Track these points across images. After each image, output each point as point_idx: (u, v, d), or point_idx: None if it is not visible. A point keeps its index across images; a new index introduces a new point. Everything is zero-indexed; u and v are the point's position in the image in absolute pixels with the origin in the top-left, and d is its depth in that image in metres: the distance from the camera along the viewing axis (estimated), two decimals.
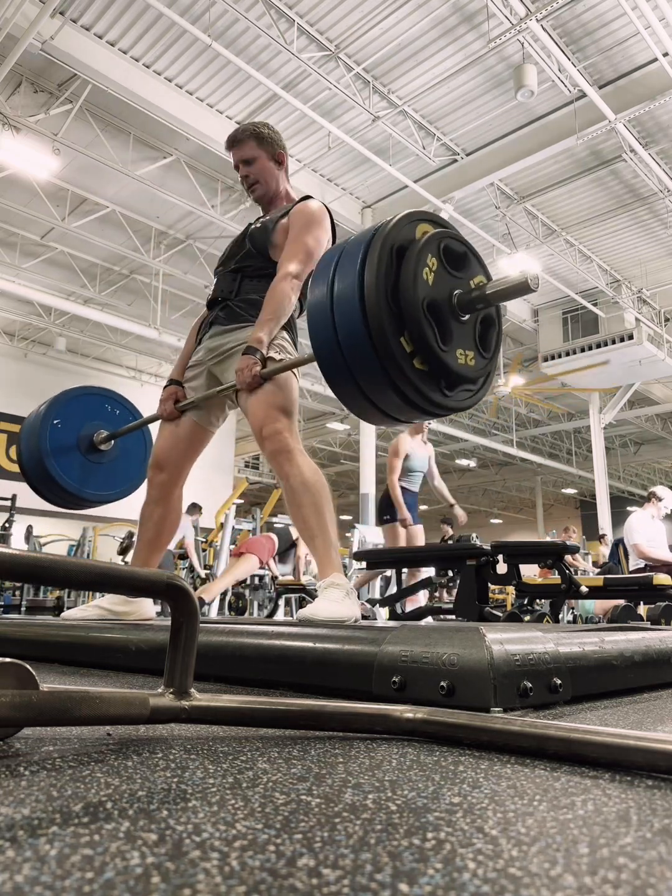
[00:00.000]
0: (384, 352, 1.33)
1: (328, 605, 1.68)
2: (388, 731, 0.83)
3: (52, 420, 2.51)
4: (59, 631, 1.79)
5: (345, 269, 1.40)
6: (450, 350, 1.39)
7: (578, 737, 0.69)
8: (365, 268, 1.37)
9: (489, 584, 3.64)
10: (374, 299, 1.33)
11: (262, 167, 2.21)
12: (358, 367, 1.38)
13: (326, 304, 1.41)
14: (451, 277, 1.45)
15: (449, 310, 1.41)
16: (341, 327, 1.38)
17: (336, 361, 1.41)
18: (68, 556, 0.71)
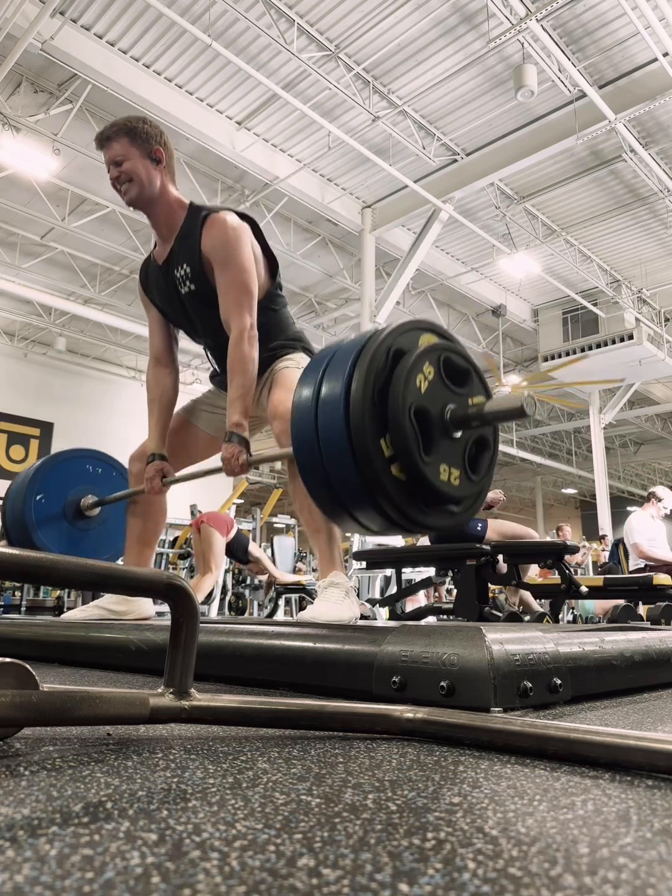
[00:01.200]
0: (362, 451, 1.24)
1: (328, 607, 1.68)
2: (388, 731, 0.83)
3: (36, 490, 2.44)
4: (59, 631, 1.79)
5: (335, 367, 1.32)
6: (432, 463, 1.29)
7: (578, 737, 0.69)
8: (356, 365, 1.28)
9: (489, 584, 3.64)
10: (360, 394, 1.24)
11: (134, 166, 1.97)
12: (334, 467, 1.28)
13: (311, 399, 1.32)
14: (448, 391, 1.36)
15: (439, 422, 1.32)
16: (322, 423, 1.29)
17: (313, 459, 1.31)
18: (68, 556, 0.70)
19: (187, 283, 2.01)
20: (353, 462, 1.25)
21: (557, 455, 19.15)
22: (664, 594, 4.14)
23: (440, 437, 1.33)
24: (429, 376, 1.33)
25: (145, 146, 1.99)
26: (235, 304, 1.91)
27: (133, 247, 10.25)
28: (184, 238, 2.02)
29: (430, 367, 1.34)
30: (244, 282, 1.92)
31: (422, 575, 6.37)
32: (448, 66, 7.17)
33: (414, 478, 1.27)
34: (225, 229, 1.95)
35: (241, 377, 1.87)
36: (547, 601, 3.88)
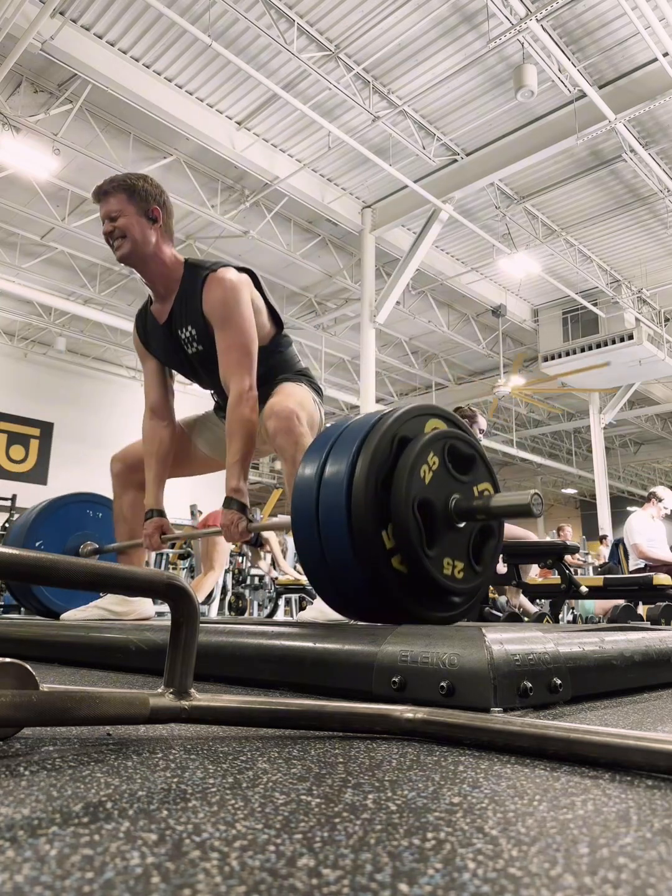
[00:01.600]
0: (362, 541, 1.22)
1: (328, 607, 1.69)
2: (388, 731, 0.83)
3: (36, 537, 2.44)
4: (59, 631, 1.79)
5: (340, 448, 1.31)
6: (435, 557, 1.27)
7: (578, 737, 0.69)
8: (360, 450, 1.27)
9: (489, 583, 3.64)
10: (363, 483, 1.23)
11: (128, 223, 1.96)
12: (333, 551, 1.27)
13: (315, 478, 1.31)
14: (453, 480, 1.34)
15: (443, 513, 1.31)
16: (323, 506, 1.28)
17: (312, 540, 1.30)
18: (68, 557, 0.70)
19: (195, 344, 2.02)
20: (352, 550, 1.23)
21: (557, 455, 19.15)
22: (664, 594, 4.14)
23: (444, 528, 1.30)
24: (433, 466, 1.31)
25: (142, 204, 1.97)
26: (234, 366, 1.91)
27: None
28: (185, 299, 2.01)
29: (434, 458, 1.32)
30: (243, 343, 1.93)
31: None
32: (448, 66, 7.17)
33: (416, 572, 1.25)
34: (223, 289, 1.94)
35: (239, 441, 1.86)
36: (547, 601, 3.88)
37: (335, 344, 13.12)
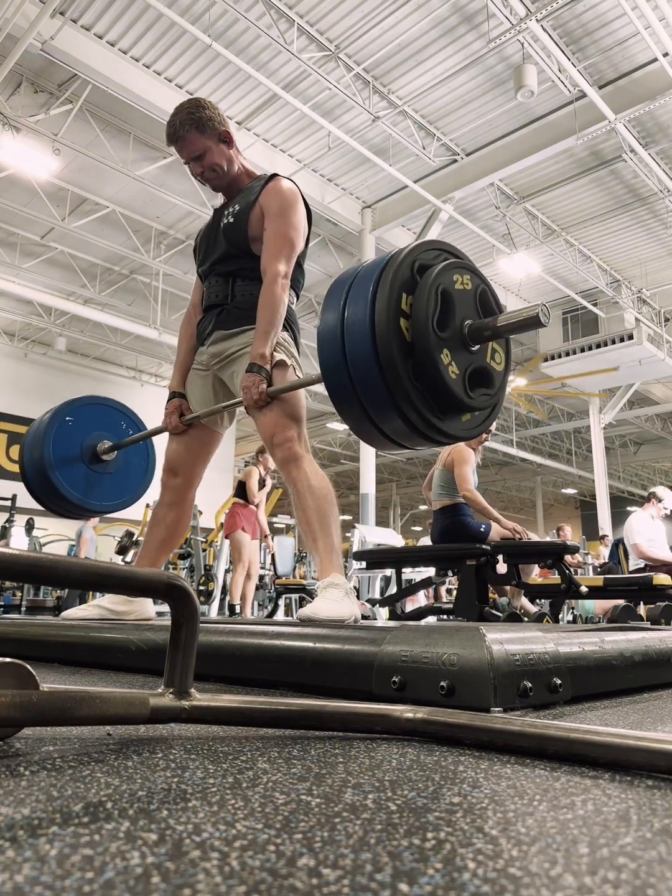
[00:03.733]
0: (383, 300, 1.32)
1: (328, 605, 1.69)
2: (388, 731, 0.83)
3: (54, 431, 2.48)
4: (59, 631, 1.79)
5: (361, 283, 1.40)
6: (441, 342, 1.37)
7: (578, 737, 0.69)
8: (383, 272, 1.37)
9: (489, 584, 3.64)
10: (399, 263, 1.34)
11: (214, 158, 2.06)
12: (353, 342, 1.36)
13: (337, 322, 1.40)
14: (475, 310, 1.45)
15: (459, 330, 1.41)
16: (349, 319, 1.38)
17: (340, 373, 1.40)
18: (68, 556, 0.70)
19: (230, 216, 2.10)
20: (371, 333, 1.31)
21: (557, 455, 19.15)
22: (664, 594, 4.13)
23: (455, 335, 1.38)
24: (465, 284, 1.41)
25: (214, 133, 2.05)
26: (277, 252, 1.99)
27: (133, 247, 10.25)
28: (246, 191, 2.12)
29: (468, 279, 1.42)
30: (291, 236, 2.02)
31: (422, 575, 6.37)
32: (448, 66, 7.17)
33: (420, 344, 1.31)
34: (286, 189, 2.06)
35: (270, 314, 1.94)
36: (547, 601, 3.88)
37: None
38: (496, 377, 1.49)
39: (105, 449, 2.56)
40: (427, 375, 1.34)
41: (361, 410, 1.40)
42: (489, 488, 23.53)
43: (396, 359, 1.31)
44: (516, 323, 1.42)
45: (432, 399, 1.36)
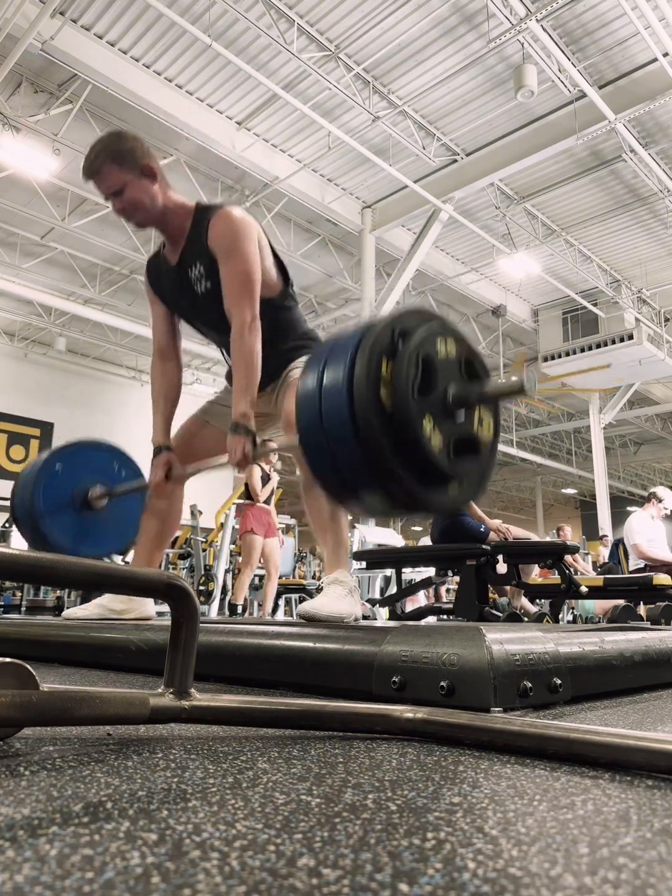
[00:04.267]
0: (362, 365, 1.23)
1: (330, 602, 1.69)
2: (388, 731, 0.83)
3: (46, 478, 2.43)
4: (59, 631, 1.79)
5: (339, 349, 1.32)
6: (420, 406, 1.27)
7: (578, 737, 0.69)
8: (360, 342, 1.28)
9: (489, 584, 3.64)
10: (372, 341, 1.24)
11: (134, 193, 1.92)
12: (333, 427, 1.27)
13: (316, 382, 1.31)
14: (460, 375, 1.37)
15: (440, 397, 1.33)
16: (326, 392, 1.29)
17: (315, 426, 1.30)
18: (68, 557, 0.70)
19: (203, 281, 2.00)
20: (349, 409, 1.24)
21: (557, 455, 19.14)
22: (664, 594, 4.14)
23: (438, 401, 1.33)
24: (449, 350, 1.35)
25: (135, 166, 1.92)
26: (237, 295, 1.89)
27: (133, 247, 10.25)
28: (194, 239, 1.99)
29: (452, 345, 1.36)
30: (247, 272, 1.90)
31: (422, 575, 6.37)
32: (448, 66, 7.17)
33: (400, 413, 1.25)
34: (230, 222, 1.93)
35: (244, 368, 1.86)
36: (547, 601, 3.88)
37: None
38: (483, 446, 1.41)
39: (97, 495, 2.48)
40: (408, 446, 1.26)
41: (340, 482, 1.33)
42: (489, 488, 23.52)
43: (376, 429, 1.23)
44: (502, 390, 1.35)
45: (415, 471, 1.28)
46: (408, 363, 1.26)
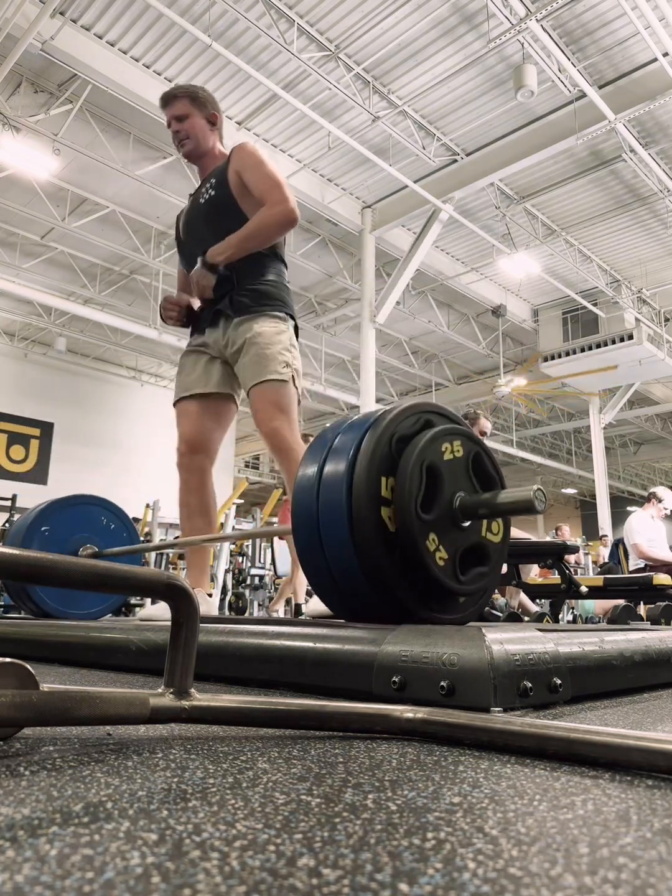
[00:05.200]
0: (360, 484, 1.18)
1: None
2: (388, 731, 0.83)
3: (36, 535, 2.41)
4: (59, 631, 1.79)
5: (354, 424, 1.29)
6: (425, 526, 1.21)
7: (578, 737, 0.69)
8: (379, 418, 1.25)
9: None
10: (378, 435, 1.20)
11: (193, 124, 2.26)
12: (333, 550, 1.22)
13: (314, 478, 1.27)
14: (467, 480, 1.31)
15: (447, 506, 1.26)
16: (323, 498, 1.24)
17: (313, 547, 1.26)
18: (68, 557, 0.70)
19: (209, 191, 2.23)
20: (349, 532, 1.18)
21: (557, 455, 19.14)
22: (664, 594, 4.14)
23: (444, 513, 1.25)
24: (456, 451, 1.28)
25: (204, 110, 2.28)
26: (275, 186, 2.09)
27: (133, 247, 10.25)
28: (217, 169, 2.27)
29: (459, 446, 1.29)
30: (276, 178, 2.12)
31: None
32: (448, 66, 7.17)
33: (403, 529, 1.18)
34: (252, 150, 2.19)
35: (253, 229, 2.06)
36: (547, 601, 3.89)
37: (335, 344, 13.12)
38: (493, 552, 1.34)
39: (86, 556, 2.45)
40: (413, 566, 1.20)
41: (340, 601, 1.28)
42: None
43: (382, 560, 1.17)
44: (513, 504, 1.26)
45: (422, 591, 1.22)
46: (410, 477, 1.17)
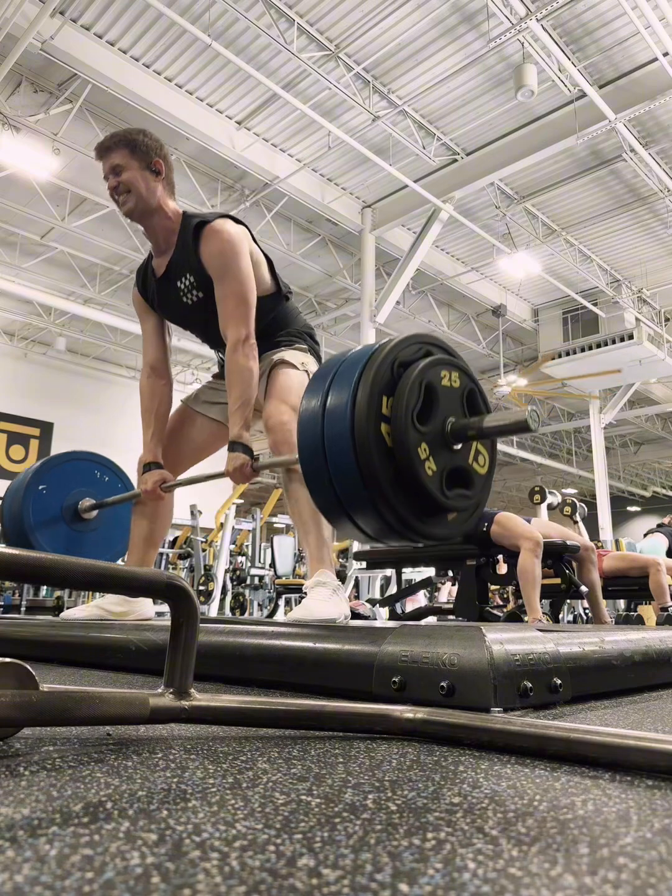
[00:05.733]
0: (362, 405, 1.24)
1: (316, 606, 1.70)
2: (388, 731, 0.83)
3: (34, 492, 2.43)
4: (59, 631, 1.79)
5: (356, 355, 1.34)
6: (419, 435, 1.28)
7: (578, 737, 0.69)
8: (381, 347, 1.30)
9: (489, 584, 3.64)
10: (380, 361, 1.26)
11: (133, 177, 1.99)
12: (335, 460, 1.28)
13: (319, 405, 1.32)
14: (461, 409, 1.37)
15: (440, 428, 1.33)
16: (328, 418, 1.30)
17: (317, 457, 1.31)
18: (68, 557, 0.70)
19: (194, 292, 2.03)
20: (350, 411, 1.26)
21: (557, 455, 19.14)
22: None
23: (436, 431, 1.32)
24: (453, 381, 1.35)
25: (145, 158, 2.00)
26: (231, 316, 1.92)
27: (133, 247, 10.25)
28: (182, 249, 2.02)
29: (457, 378, 1.36)
30: (241, 293, 1.93)
31: (422, 575, 6.38)
32: (448, 65, 7.16)
33: (398, 438, 1.26)
34: (221, 240, 1.95)
35: (239, 388, 1.88)
36: (547, 601, 3.88)
37: (335, 344, 13.11)
38: (477, 479, 1.41)
39: (86, 507, 2.49)
40: (405, 475, 1.28)
41: (337, 505, 1.33)
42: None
43: (378, 467, 1.24)
44: (504, 426, 1.33)
45: (411, 500, 1.29)
46: (409, 390, 1.25)
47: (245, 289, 1.94)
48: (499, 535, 3.31)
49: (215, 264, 1.95)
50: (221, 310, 1.95)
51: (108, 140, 2.01)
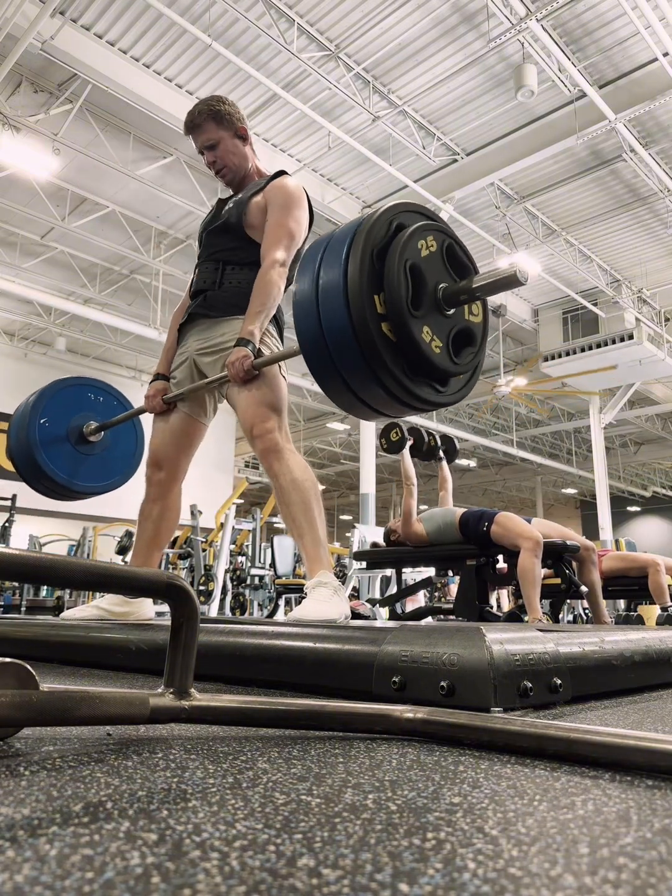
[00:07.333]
0: (357, 309, 1.30)
1: (317, 606, 1.69)
2: (388, 731, 0.83)
3: (41, 411, 2.48)
4: (59, 631, 1.79)
5: (334, 248, 1.39)
6: (418, 321, 1.34)
7: (578, 737, 0.69)
8: (355, 235, 1.35)
9: (489, 584, 3.64)
10: (360, 256, 1.31)
11: (226, 149, 2.13)
12: (330, 323, 1.35)
13: (312, 288, 1.38)
14: (445, 272, 1.42)
15: (431, 294, 1.38)
16: (322, 286, 1.36)
17: (318, 345, 1.38)
18: (68, 556, 0.71)
19: (231, 207, 2.14)
20: (347, 317, 1.30)
21: (557, 455, 19.14)
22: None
23: (430, 305, 1.36)
24: (431, 246, 1.38)
25: (231, 126, 2.13)
26: (277, 240, 2.02)
27: (133, 247, 10.25)
28: (251, 185, 2.18)
29: (432, 240, 1.39)
30: (291, 228, 2.04)
31: (422, 575, 6.37)
32: (448, 66, 7.16)
33: (403, 338, 1.30)
34: (290, 187, 2.09)
35: (264, 297, 1.96)
36: (547, 601, 3.88)
37: None
38: (477, 331, 1.48)
39: (92, 430, 2.54)
40: (417, 363, 1.34)
41: (342, 382, 1.40)
42: (489, 488, 23.53)
43: (364, 286, 1.30)
44: (493, 283, 1.37)
45: (395, 344, 1.35)
46: (396, 283, 1.30)
47: (297, 226, 2.05)
48: (499, 534, 3.30)
49: (280, 196, 2.06)
50: (269, 233, 2.03)
51: (196, 117, 2.11)
